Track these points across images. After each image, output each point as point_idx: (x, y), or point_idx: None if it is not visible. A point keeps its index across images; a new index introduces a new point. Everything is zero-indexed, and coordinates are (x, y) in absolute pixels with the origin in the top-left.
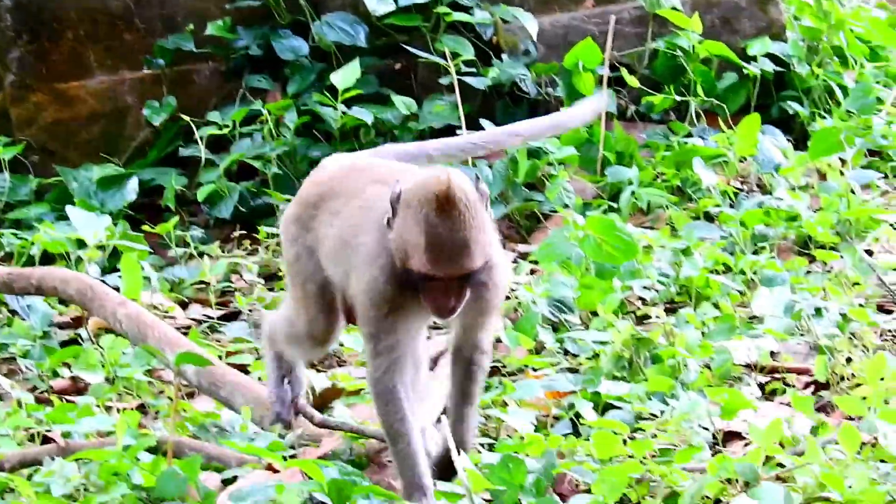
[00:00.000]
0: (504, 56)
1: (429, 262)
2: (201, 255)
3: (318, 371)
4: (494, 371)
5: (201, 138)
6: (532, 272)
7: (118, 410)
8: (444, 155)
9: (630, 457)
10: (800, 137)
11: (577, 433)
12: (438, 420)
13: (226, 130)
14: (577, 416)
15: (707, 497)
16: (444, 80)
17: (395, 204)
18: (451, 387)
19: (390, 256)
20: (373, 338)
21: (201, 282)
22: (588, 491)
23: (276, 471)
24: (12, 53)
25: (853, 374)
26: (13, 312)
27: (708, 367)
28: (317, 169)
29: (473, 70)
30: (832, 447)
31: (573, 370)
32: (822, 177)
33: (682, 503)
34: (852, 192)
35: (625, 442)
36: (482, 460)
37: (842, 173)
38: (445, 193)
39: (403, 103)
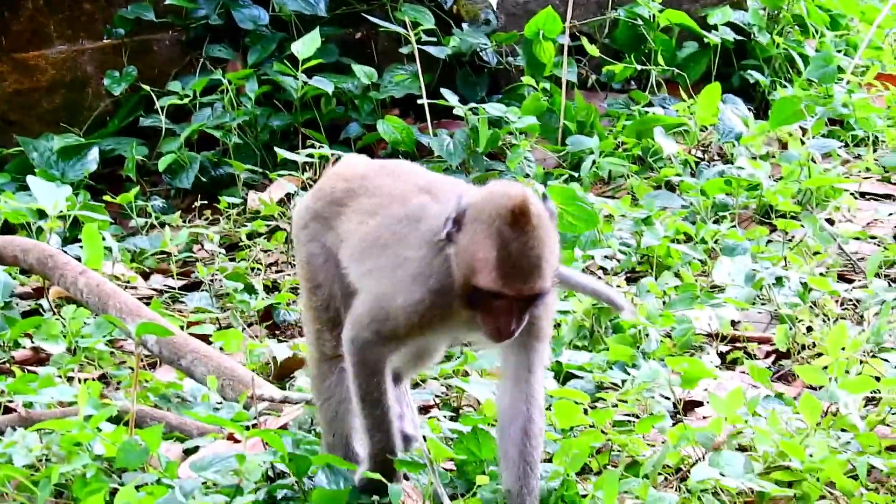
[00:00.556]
0: (464, 25)
1: (500, 279)
2: (162, 225)
3: (280, 341)
4: None
5: (162, 108)
6: None
7: (80, 380)
8: None
9: (591, 426)
10: (760, 106)
11: None
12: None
13: (186, 100)
14: None
15: (668, 466)
16: (404, 50)
17: (461, 218)
18: (505, 454)
19: (441, 277)
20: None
21: (162, 252)
22: (549, 460)
23: (237, 441)
24: None
25: (814, 344)
26: None
27: (669, 336)
28: (340, 164)
29: (434, 39)
30: (793, 416)
31: None
32: (783, 146)
33: (643, 472)
34: (813, 161)
35: (586, 411)
36: (443, 430)
37: (802, 142)
38: (521, 207)
39: (364, 73)
